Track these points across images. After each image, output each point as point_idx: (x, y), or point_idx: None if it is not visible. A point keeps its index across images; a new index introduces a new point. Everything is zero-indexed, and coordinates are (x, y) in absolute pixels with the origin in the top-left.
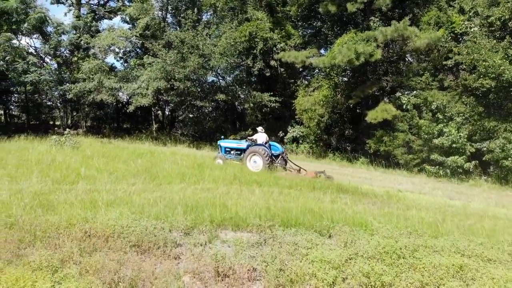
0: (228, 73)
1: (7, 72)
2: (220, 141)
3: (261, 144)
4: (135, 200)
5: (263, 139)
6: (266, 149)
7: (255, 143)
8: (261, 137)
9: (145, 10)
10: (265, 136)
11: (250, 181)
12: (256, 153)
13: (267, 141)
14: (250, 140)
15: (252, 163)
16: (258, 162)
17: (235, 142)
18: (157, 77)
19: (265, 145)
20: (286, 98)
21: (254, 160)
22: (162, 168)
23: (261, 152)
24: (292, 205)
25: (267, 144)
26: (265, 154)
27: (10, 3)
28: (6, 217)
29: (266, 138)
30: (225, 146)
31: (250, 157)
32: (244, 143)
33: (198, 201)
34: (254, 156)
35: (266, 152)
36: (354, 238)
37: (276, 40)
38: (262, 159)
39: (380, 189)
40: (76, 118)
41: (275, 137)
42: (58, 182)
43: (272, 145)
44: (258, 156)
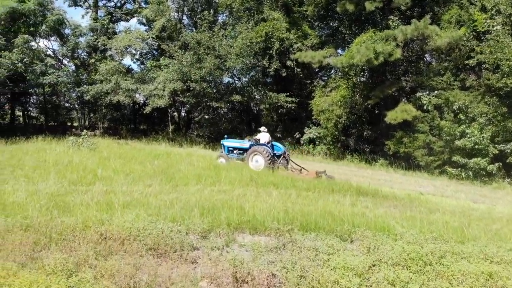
0: (244, 74)
1: (25, 74)
2: (223, 141)
3: (263, 144)
4: (152, 202)
5: (265, 139)
6: (268, 149)
7: (257, 143)
8: (264, 137)
9: (161, 12)
10: (268, 136)
11: (266, 183)
12: (258, 152)
13: (270, 141)
14: (253, 140)
15: (254, 163)
16: (260, 162)
17: (238, 141)
18: (173, 79)
19: (267, 145)
20: (303, 99)
21: (256, 159)
22: (178, 169)
23: (262, 152)
24: (311, 208)
25: (270, 144)
26: (266, 154)
27: (28, 5)
28: (22, 218)
29: (269, 138)
30: (228, 145)
31: (252, 157)
32: (247, 142)
33: (215, 203)
34: (256, 155)
35: (268, 152)
36: (377, 243)
37: (293, 40)
38: (263, 159)
39: (401, 192)
40: (94, 120)
41: (291, 138)
42: (75, 183)
43: (275, 145)
44: (260, 155)
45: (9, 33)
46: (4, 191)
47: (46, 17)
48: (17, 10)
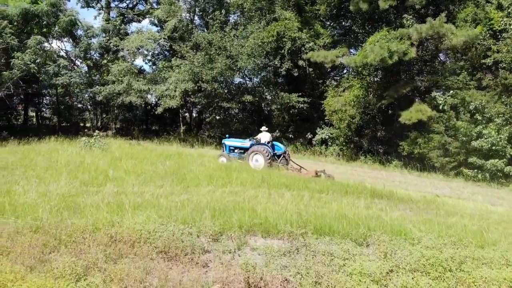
0: (256, 74)
1: (38, 74)
2: (224, 140)
3: (264, 144)
4: (162, 203)
5: (266, 139)
6: (268, 148)
7: (258, 142)
8: (265, 137)
9: (173, 12)
10: (268, 136)
11: (278, 184)
12: (258, 152)
13: (270, 140)
14: (254, 139)
15: (254, 162)
16: (260, 161)
17: (239, 141)
18: (184, 79)
19: (267, 144)
20: (315, 99)
21: (256, 159)
22: (189, 170)
23: (262, 151)
24: (324, 210)
25: (270, 143)
26: (266, 153)
27: (41, 6)
28: (32, 220)
29: (270, 138)
30: (229, 144)
31: (252, 156)
32: (247, 142)
33: (226, 205)
34: (256, 155)
35: (268, 151)
36: (394, 248)
37: (305, 39)
38: (263, 158)
39: (416, 194)
40: (106, 120)
41: (303, 139)
42: (86, 184)
43: (275, 144)
44: (260, 155)
45: (22, 34)
46: (15, 192)
47: (58, 18)
48: (30, 11)
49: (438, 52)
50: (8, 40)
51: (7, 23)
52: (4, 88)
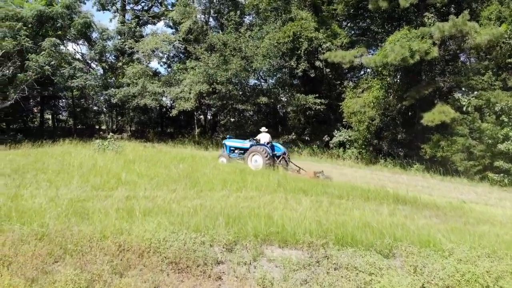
0: (271, 75)
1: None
2: (225, 141)
3: (263, 144)
4: (174, 209)
5: (266, 139)
6: (267, 149)
7: (257, 143)
8: (264, 137)
9: (187, 14)
10: (268, 137)
11: (295, 189)
12: (257, 152)
13: (270, 141)
14: (254, 140)
15: (253, 162)
16: (259, 161)
17: (239, 141)
18: (199, 81)
19: (266, 145)
20: (332, 101)
21: (255, 159)
22: (203, 173)
23: (261, 152)
24: (346, 218)
25: (269, 144)
26: (265, 154)
27: (55, 9)
28: (38, 226)
29: (269, 139)
30: (230, 145)
31: (252, 156)
32: (247, 142)
33: (241, 211)
34: (255, 155)
35: (267, 152)
36: (424, 261)
37: (322, 40)
38: (262, 158)
39: (441, 200)
40: (121, 123)
41: (319, 141)
42: (98, 188)
43: (275, 145)
44: (259, 155)
45: (37, 36)
46: (23, 196)
47: (73, 20)
48: (45, 13)
49: (461, 51)
50: (22, 42)
51: (22, 25)
52: (19, 91)
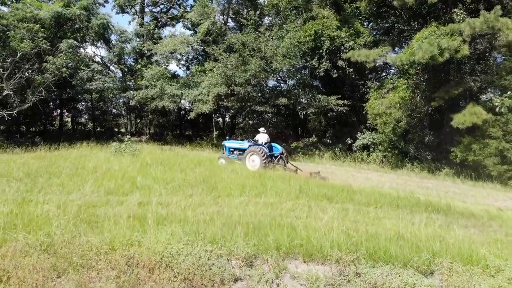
0: (292, 75)
1: (71, 79)
2: (224, 142)
3: (260, 144)
4: (190, 217)
5: (264, 140)
6: (264, 149)
7: (255, 143)
8: (262, 138)
9: (206, 14)
10: (266, 137)
11: (318, 196)
12: (255, 152)
13: (268, 141)
14: (252, 141)
15: (251, 162)
16: (256, 161)
17: (238, 142)
18: (217, 83)
19: (264, 145)
20: (355, 102)
21: (252, 159)
22: (221, 178)
23: (258, 152)
24: (376, 229)
25: (267, 144)
26: (262, 154)
27: (73, 10)
28: (44, 235)
29: (267, 139)
30: (229, 146)
31: (249, 157)
32: (246, 143)
33: (261, 220)
34: (253, 155)
35: (264, 152)
36: (469, 280)
37: (344, 38)
38: (259, 158)
39: (476, 207)
40: (140, 125)
41: (342, 144)
42: (111, 192)
43: (273, 145)
44: (256, 155)
45: (55, 38)
46: (33, 202)
47: (91, 21)
48: (62, 14)
49: (492, 49)
50: (40, 44)
51: (40, 27)
52: (37, 93)
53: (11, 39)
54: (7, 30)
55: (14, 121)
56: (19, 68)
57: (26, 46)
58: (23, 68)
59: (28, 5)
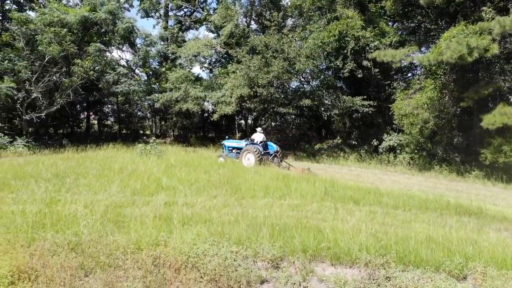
0: (315, 76)
1: (97, 82)
2: (224, 141)
3: (255, 144)
4: (215, 217)
5: (259, 139)
6: (258, 147)
7: (251, 142)
8: (258, 137)
9: (229, 17)
10: (262, 136)
11: (344, 198)
12: (250, 151)
13: (264, 140)
14: (249, 140)
15: (247, 160)
16: (251, 159)
17: (236, 141)
18: (240, 84)
19: (258, 144)
20: (380, 102)
21: (248, 157)
22: (244, 179)
23: (253, 150)
24: (406, 232)
25: (262, 143)
26: (256, 152)
27: (99, 15)
28: (72, 235)
29: (263, 138)
30: (228, 145)
31: (245, 155)
32: (243, 142)
33: (286, 222)
34: (248, 154)
35: (258, 150)
36: (507, 286)
37: (369, 38)
38: (254, 156)
39: (508, 210)
40: (165, 128)
41: (367, 146)
42: (137, 193)
43: (268, 144)
44: (251, 153)
45: (82, 42)
46: (61, 201)
47: (116, 25)
48: (89, 18)
49: None
50: (67, 47)
51: (67, 31)
52: (64, 96)
53: (39, 43)
54: (35, 34)
55: (43, 124)
56: (47, 71)
57: (53, 49)
58: (51, 72)
59: (54, 9)
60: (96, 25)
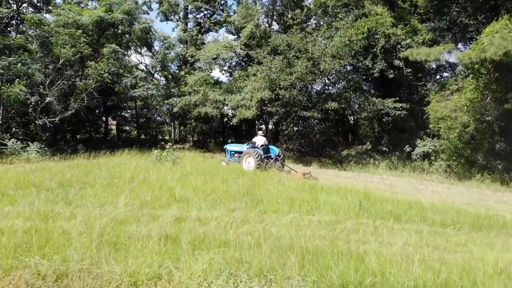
0: (342, 77)
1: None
2: (226, 145)
3: (256, 147)
4: (232, 238)
5: (260, 142)
6: (258, 151)
7: (252, 146)
8: (259, 140)
9: (250, 17)
10: (263, 139)
11: (383, 213)
12: (250, 155)
13: (264, 144)
14: (251, 143)
15: (247, 164)
16: (251, 163)
17: (238, 145)
18: (261, 87)
19: (258, 147)
20: (413, 105)
21: (248, 161)
22: (266, 190)
23: (253, 154)
24: (466, 259)
25: (263, 146)
26: (256, 155)
27: (115, 15)
28: (60, 261)
29: (265, 142)
30: (230, 149)
31: (246, 159)
32: (245, 146)
33: (318, 245)
34: (248, 157)
35: (258, 154)
36: None
37: (400, 36)
38: (254, 160)
39: None
40: (184, 133)
41: (399, 152)
42: (147, 205)
43: (270, 148)
44: (251, 157)
45: (97, 44)
46: (59, 215)
47: (133, 26)
48: (104, 19)
49: None
50: (82, 49)
51: (81, 33)
52: (79, 100)
53: (53, 45)
54: (49, 36)
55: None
56: (61, 74)
57: (67, 51)
58: (65, 75)
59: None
60: (112, 26)
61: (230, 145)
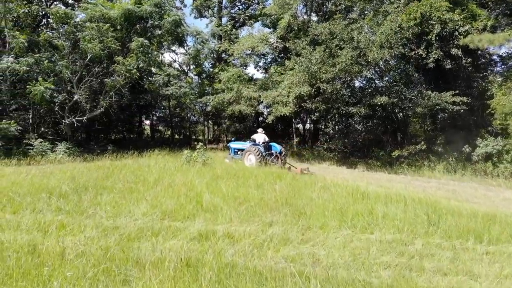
0: (392, 68)
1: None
2: (230, 143)
3: (257, 144)
4: (267, 265)
5: (260, 139)
6: (259, 148)
7: (254, 143)
8: (259, 137)
9: (287, 6)
10: (263, 137)
11: (458, 230)
12: (251, 151)
13: (265, 141)
14: (251, 141)
15: (248, 161)
16: (252, 160)
17: (241, 143)
18: (299, 81)
19: (259, 144)
20: (472, 99)
21: (249, 158)
22: (309, 198)
23: (254, 151)
24: None
25: (264, 143)
26: (257, 152)
27: (144, 7)
28: None
29: (265, 139)
30: (234, 147)
31: (247, 156)
32: (248, 144)
33: (383, 279)
34: (250, 154)
35: (259, 151)
36: None
37: (458, 22)
38: (255, 157)
39: None
40: (217, 133)
41: (457, 153)
42: (169, 215)
43: (272, 145)
44: (252, 154)
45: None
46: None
47: (163, 19)
48: (133, 12)
49: None
50: (110, 44)
51: (109, 26)
52: (108, 98)
53: (81, 40)
54: (76, 32)
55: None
56: (90, 71)
57: (94, 46)
58: (93, 72)
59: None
60: (142, 20)
61: (234, 142)
